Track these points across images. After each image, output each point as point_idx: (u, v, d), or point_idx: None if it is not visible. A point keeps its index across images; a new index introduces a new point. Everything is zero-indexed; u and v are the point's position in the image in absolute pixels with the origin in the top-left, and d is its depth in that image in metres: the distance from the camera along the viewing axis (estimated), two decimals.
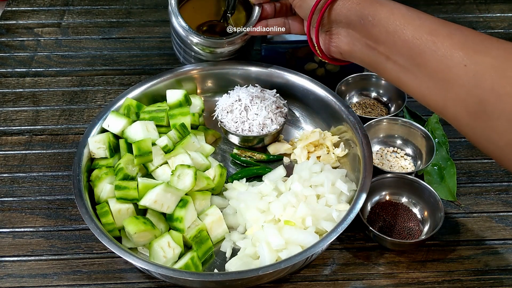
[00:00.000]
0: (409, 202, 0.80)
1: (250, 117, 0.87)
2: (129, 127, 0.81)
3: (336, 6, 0.67)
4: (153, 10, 1.22)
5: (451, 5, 1.22)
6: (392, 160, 0.87)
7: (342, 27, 0.68)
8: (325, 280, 0.74)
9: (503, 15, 1.19)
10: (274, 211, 0.76)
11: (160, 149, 0.80)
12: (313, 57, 0.95)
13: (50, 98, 1.01)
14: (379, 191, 0.81)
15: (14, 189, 0.86)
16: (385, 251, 0.76)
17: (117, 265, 0.76)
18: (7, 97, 1.01)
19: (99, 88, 1.03)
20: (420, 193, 0.79)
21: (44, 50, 1.11)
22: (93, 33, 1.16)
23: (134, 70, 1.07)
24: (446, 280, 0.73)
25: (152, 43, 1.13)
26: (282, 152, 0.89)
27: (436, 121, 0.92)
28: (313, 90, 0.90)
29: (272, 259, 0.70)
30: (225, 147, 0.91)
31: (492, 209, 0.82)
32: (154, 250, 0.71)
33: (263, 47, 0.95)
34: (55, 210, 0.83)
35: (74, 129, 0.95)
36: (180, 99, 0.87)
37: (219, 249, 0.76)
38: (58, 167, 0.89)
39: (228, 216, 0.79)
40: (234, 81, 0.94)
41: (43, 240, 0.79)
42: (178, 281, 0.71)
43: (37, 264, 0.76)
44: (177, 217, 0.73)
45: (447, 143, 0.89)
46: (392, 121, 0.88)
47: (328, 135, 0.88)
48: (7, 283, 0.74)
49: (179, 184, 0.75)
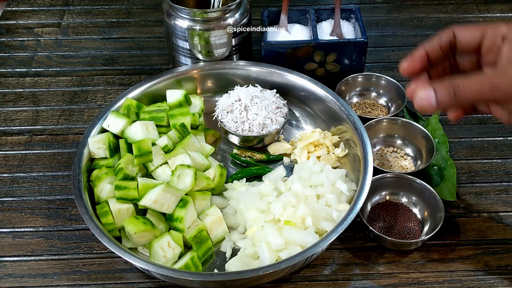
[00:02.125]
0: (409, 202, 0.80)
1: (250, 117, 0.87)
2: (129, 127, 0.81)
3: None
4: (153, 10, 1.22)
5: (451, 5, 1.22)
6: (392, 160, 0.87)
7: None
8: (325, 280, 0.74)
9: (503, 15, 1.19)
10: (274, 211, 0.76)
11: (160, 149, 0.80)
12: (313, 57, 0.95)
13: (50, 98, 1.01)
14: (379, 191, 0.81)
15: (14, 189, 0.86)
16: (385, 251, 0.76)
17: (117, 265, 0.76)
18: (7, 97, 1.01)
19: (99, 88, 1.03)
20: (420, 193, 0.79)
21: (44, 50, 1.11)
22: (93, 33, 1.16)
23: (134, 70, 1.07)
24: (446, 280, 0.73)
25: (152, 43, 1.13)
26: (282, 152, 0.89)
27: (436, 121, 0.92)
28: (313, 90, 0.90)
29: (272, 259, 0.70)
30: (225, 147, 0.91)
31: (492, 209, 0.82)
32: (154, 250, 0.71)
33: (263, 47, 0.95)
34: (55, 210, 0.83)
35: (74, 129, 0.95)
36: (180, 99, 0.87)
37: (219, 249, 0.76)
38: (58, 167, 0.89)
39: (228, 216, 0.79)
40: (234, 81, 0.94)
41: (43, 240, 0.79)
42: (178, 281, 0.71)
43: (37, 264, 0.76)
44: (177, 217, 0.73)
45: (447, 143, 0.89)
46: (392, 121, 0.88)
47: (328, 135, 0.88)
48: (7, 283, 0.74)
49: (179, 184, 0.75)
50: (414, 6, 1.23)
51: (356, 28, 1.01)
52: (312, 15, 1.00)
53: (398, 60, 1.07)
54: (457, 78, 0.58)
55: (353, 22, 1.03)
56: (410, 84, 0.63)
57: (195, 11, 0.89)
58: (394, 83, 0.95)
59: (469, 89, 0.57)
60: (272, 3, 1.20)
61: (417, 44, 1.09)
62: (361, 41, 0.94)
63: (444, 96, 0.58)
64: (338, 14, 1.00)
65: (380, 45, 1.12)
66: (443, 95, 0.58)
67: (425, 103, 0.59)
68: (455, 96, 0.58)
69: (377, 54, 1.10)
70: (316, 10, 1.02)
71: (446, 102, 0.58)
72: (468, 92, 0.57)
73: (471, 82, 0.57)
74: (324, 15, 1.03)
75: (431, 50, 0.64)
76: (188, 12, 0.89)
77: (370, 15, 1.20)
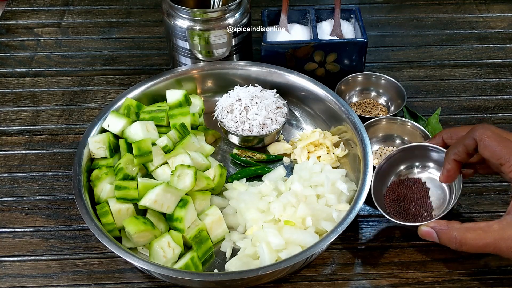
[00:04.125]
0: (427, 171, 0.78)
1: (250, 117, 0.87)
2: (129, 127, 0.81)
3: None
4: (153, 10, 1.22)
5: (451, 5, 1.22)
6: None
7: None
8: (325, 280, 0.74)
9: (503, 15, 1.19)
10: (274, 211, 0.76)
11: (160, 149, 0.80)
12: (313, 57, 0.95)
13: (50, 98, 1.01)
14: (395, 168, 0.79)
15: (14, 189, 0.86)
16: (385, 251, 0.76)
17: (117, 265, 0.76)
18: (7, 97, 1.01)
19: (99, 88, 1.03)
20: (435, 159, 0.77)
21: (44, 50, 1.11)
22: (93, 33, 1.16)
23: (134, 70, 1.07)
24: (446, 280, 0.73)
25: (152, 43, 1.13)
26: (282, 152, 0.89)
27: (436, 121, 0.92)
28: (313, 90, 0.90)
29: (272, 259, 0.70)
30: (225, 147, 0.91)
31: (492, 209, 0.82)
32: (154, 250, 0.71)
33: (263, 47, 0.95)
34: (55, 210, 0.83)
35: (74, 129, 0.95)
36: (180, 99, 0.87)
37: (219, 249, 0.76)
38: (58, 167, 0.89)
39: (228, 216, 0.79)
40: (234, 81, 0.94)
41: (43, 240, 0.79)
42: (178, 281, 0.71)
43: (37, 264, 0.76)
44: (177, 217, 0.73)
45: None
46: (392, 121, 0.88)
47: (328, 135, 0.88)
48: (7, 283, 0.74)
49: (179, 184, 0.75)
50: (414, 6, 1.23)
51: (356, 28, 1.01)
52: (312, 15, 1.00)
53: (398, 60, 1.08)
54: (463, 231, 0.64)
55: (353, 22, 1.03)
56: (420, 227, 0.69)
57: (195, 11, 0.89)
58: (394, 82, 0.95)
59: (471, 246, 0.64)
60: (272, 3, 1.20)
61: (417, 44, 1.11)
62: (361, 41, 0.94)
63: (446, 243, 0.66)
64: (338, 14, 1.00)
65: (380, 45, 1.12)
66: (445, 242, 0.66)
67: (427, 236, 0.68)
68: (458, 247, 0.65)
69: (377, 54, 1.10)
70: (316, 10, 1.02)
71: (449, 246, 0.66)
72: (470, 249, 0.64)
73: (475, 239, 0.63)
74: (324, 15, 1.03)
75: (461, 159, 0.70)
76: (188, 12, 0.89)
77: (370, 15, 1.20)
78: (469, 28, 1.16)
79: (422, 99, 1.00)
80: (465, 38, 1.13)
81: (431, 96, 1.00)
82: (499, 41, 1.12)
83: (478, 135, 0.66)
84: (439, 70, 1.06)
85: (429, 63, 1.08)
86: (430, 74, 1.05)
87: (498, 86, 1.02)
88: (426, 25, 1.17)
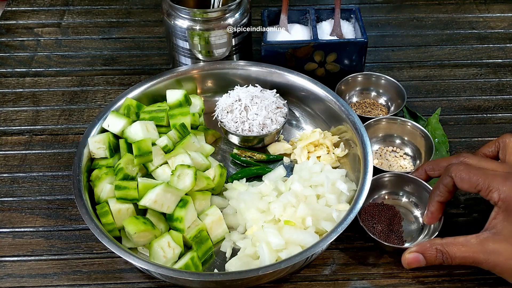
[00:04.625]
0: (409, 202, 0.80)
1: (250, 117, 0.87)
2: (129, 127, 0.81)
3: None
4: (153, 10, 1.22)
5: (451, 5, 1.22)
6: (391, 160, 0.87)
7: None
8: (325, 280, 0.74)
9: (503, 15, 1.19)
10: (274, 211, 0.76)
11: (160, 149, 0.80)
12: (313, 57, 0.95)
13: (50, 98, 1.01)
14: (378, 191, 0.81)
15: (14, 189, 0.86)
16: (385, 251, 0.76)
17: (117, 265, 0.76)
18: (7, 97, 1.01)
19: (99, 88, 1.03)
20: (420, 193, 0.79)
21: (44, 50, 1.11)
22: (93, 33, 1.16)
23: (134, 70, 1.07)
24: (446, 280, 0.73)
25: (152, 43, 1.13)
26: (282, 152, 0.89)
27: (436, 121, 0.92)
28: (313, 90, 0.90)
29: (272, 259, 0.70)
30: (225, 147, 0.91)
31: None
32: (154, 250, 0.71)
33: (263, 47, 0.95)
34: (55, 210, 0.83)
35: (74, 129, 0.95)
36: (180, 99, 0.87)
37: (219, 249, 0.76)
38: (58, 167, 0.89)
39: (228, 216, 0.79)
40: (234, 81, 0.94)
41: (43, 240, 0.79)
42: (178, 281, 0.71)
43: (37, 264, 0.76)
44: (177, 217, 0.73)
45: (447, 143, 0.89)
46: (392, 121, 0.88)
47: (328, 135, 0.88)
48: (7, 283, 0.74)
49: (179, 184, 0.75)
50: (414, 6, 1.23)
51: (356, 28, 1.01)
52: (312, 15, 1.00)
53: (398, 60, 1.08)
54: (446, 245, 0.67)
55: (353, 22, 1.03)
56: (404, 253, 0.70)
57: (195, 11, 0.89)
58: (394, 82, 0.95)
59: (454, 257, 0.67)
60: (272, 3, 1.20)
61: (417, 44, 1.11)
62: (361, 41, 0.94)
63: (433, 260, 0.68)
64: (338, 14, 1.00)
65: (380, 45, 1.12)
66: (432, 260, 0.68)
67: (414, 263, 0.69)
68: (443, 260, 0.67)
69: (377, 54, 1.10)
70: (316, 10, 1.02)
71: (435, 263, 0.68)
72: (454, 260, 0.67)
73: (457, 251, 0.67)
74: (324, 15, 1.03)
75: (444, 198, 0.72)
76: (188, 12, 0.89)
77: (370, 15, 1.20)
78: (469, 28, 1.16)
79: (422, 99, 1.00)
80: (465, 38, 1.13)
81: (431, 96, 1.00)
82: (499, 41, 1.12)
83: (453, 172, 0.69)
84: (439, 70, 1.06)
85: (429, 63, 1.08)
86: (430, 74, 1.05)
87: (498, 86, 1.02)
88: (426, 25, 1.17)
